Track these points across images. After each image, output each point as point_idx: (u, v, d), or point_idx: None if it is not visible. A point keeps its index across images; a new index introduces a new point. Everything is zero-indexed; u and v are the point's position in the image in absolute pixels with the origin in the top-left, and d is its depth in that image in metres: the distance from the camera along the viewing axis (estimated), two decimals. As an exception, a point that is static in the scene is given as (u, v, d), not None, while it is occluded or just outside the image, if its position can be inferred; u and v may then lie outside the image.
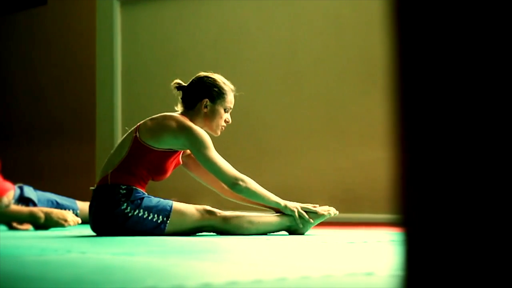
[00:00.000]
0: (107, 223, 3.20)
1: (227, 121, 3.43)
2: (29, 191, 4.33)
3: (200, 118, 3.39)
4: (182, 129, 3.26)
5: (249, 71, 5.47)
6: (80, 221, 4.00)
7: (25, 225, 4.03)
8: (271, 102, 5.40)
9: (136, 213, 3.18)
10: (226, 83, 3.44)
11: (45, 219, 3.93)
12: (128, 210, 3.18)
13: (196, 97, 3.39)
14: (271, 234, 3.32)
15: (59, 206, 4.34)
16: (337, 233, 3.52)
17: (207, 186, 3.53)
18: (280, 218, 3.33)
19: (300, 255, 2.37)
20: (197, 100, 3.39)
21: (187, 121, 3.32)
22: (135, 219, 3.18)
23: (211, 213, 3.27)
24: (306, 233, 3.36)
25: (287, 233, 3.36)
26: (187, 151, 3.42)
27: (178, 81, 3.47)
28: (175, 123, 3.28)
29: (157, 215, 3.20)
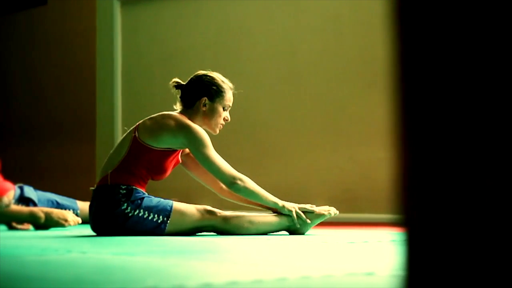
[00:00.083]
0: (107, 223, 3.20)
1: (226, 119, 3.43)
2: (29, 191, 4.33)
3: (199, 116, 3.39)
4: (180, 127, 3.26)
5: (249, 71, 5.47)
6: (80, 221, 4.00)
7: (25, 225, 4.03)
8: (271, 102, 5.40)
9: (136, 213, 3.18)
10: (224, 81, 3.43)
11: (46, 219, 3.93)
12: (128, 210, 3.18)
13: (194, 96, 3.39)
14: (271, 234, 3.33)
15: (59, 206, 4.33)
16: (337, 233, 3.52)
17: (206, 186, 3.53)
18: (280, 218, 3.33)
19: (300, 255, 2.37)
20: (196, 98, 3.39)
21: (186, 119, 3.32)
22: (136, 219, 3.18)
23: (211, 213, 3.27)
24: (306, 233, 3.36)
25: (287, 233, 3.36)
26: (186, 150, 3.41)
27: (176, 79, 3.47)
28: (173, 122, 3.28)
29: (157, 215, 3.20)
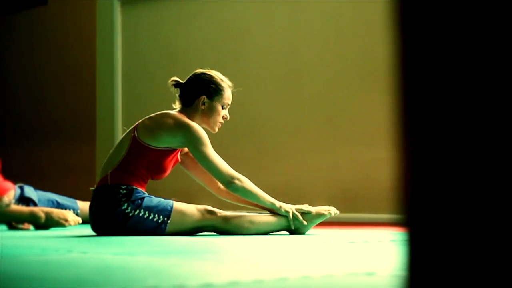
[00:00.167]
0: (108, 223, 3.20)
1: (225, 118, 3.42)
2: (30, 191, 4.33)
3: (198, 115, 3.38)
4: (179, 126, 3.26)
5: (249, 71, 5.48)
6: (80, 221, 4.00)
7: (26, 225, 4.03)
8: (271, 102, 5.40)
9: (136, 213, 3.18)
10: (223, 80, 3.43)
11: (46, 219, 3.93)
12: (128, 210, 3.18)
13: (193, 94, 3.39)
14: (271, 234, 3.33)
15: (59, 206, 4.34)
16: (338, 233, 3.52)
17: (203, 185, 3.52)
18: (280, 218, 3.33)
19: (300, 255, 2.37)
20: (195, 97, 3.39)
21: (185, 118, 3.31)
22: (136, 219, 3.18)
23: (211, 213, 3.26)
24: (306, 233, 3.36)
25: (287, 233, 3.36)
26: (185, 149, 3.41)
27: (175, 78, 3.47)
28: (172, 121, 3.28)
29: (157, 215, 3.20)
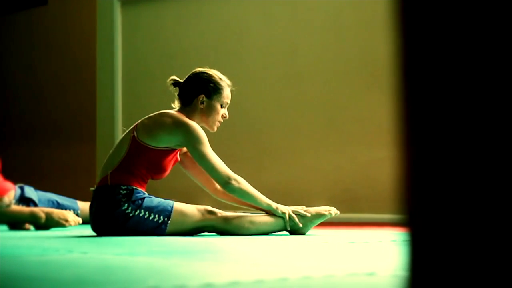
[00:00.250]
0: (108, 223, 3.20)
1: (224, 117, 3.42)
2: (30, 191, 4.33)
3: (197, 114, 3.38)
4: (177, 125, 3.26)
5: (250, 71, 5.48)
6: (81, 221, 4.00)
7: (26, 225, 4.03)
8: (271, 102, 5.40)
9: (137, 214, 3.18)
10: (222, 79, 3.42)
11: (46, 219, 3.93)
12: (129, 210, 3.18)
13: (192, 93, 3.38)
14: (272, 234, 3.33)
15: (59, 206, 4.34)
16: (338, 233, 3.52)
17: (200, 185, 3.51)
18: (280, 218, 3.32)
19: (301, 255, 2.37)
20: (194, 96, 3.38)
21: (183, 117, 3.31)
22: (136, 219, 3.18)
23: (212, 213, 3.26)
24: (307, 233, 3.36)
25: (287, 233, 3.36)
26: (184, 148, 3.40)
27: (174, 77, 3.46)
28: (170, 120, 3.28)
29: (158, 215, 3.20)
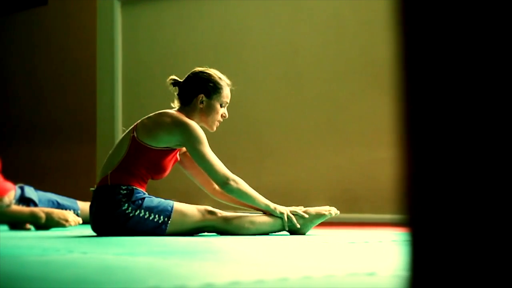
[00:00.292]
0: (108, 223, 3.20)
1: (223, 116, 3.42)
2: (30, 191, 4.33)
3: (196, 113, 3.37)
4: (176, 124, 3.25)
5: (250, 71, 5.48)
6: (81, 221, 4.00)
7: (26, 225, 4.03)
8: (271, 102, 5.40)
9: (137, 214, 3.18)
10: (222, 78, 3.42)
11: (46, 219, 3.93)
12: (129, 210, 3.18)
13: (191, 93, 3.38)
14: (272, 234, 3.33)
15: (60, 206, 4.34)
16: (338, 233, 3.52)
17: (199, 185, 3.51)
18: (280, 218, 3.32)
19: (301, 255, 2.37)
20: (193, 95, 3.38)
21: (183, 117, 3.30)
22: (136, 219, 3.18)
23: (212, 213, 3.26)
24: (307, 233, 3.36)
25: (288, 233, 3.36)
26: (184, 148, 3.40)
27: (173, 77, 3.46)
28: (170, 119, 3.27)
29: (158, 216, 3.20)
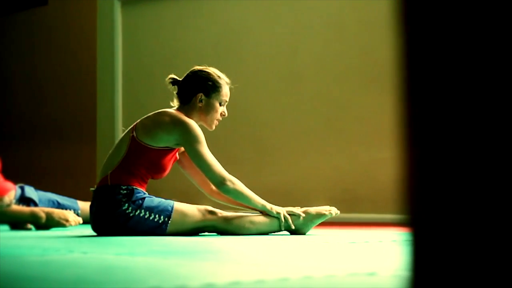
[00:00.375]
0: (109, 223, 3.20)
1: (223, 114, 3.41)
2: (30, 191, 4.33)
3: (195, 112, 3.37)
4: (175, 123, 3.25)
5: (250, 71, 5.47)
6: (81, 221, 4.00)
7: (27, 225, 4.03)
8: (271, 102, 5.40)
9: (137, 213, 3.18)
10: (221, 76, 3.42)
11: (47, 219, 3.93)
12: (129, 210, 3.18)
13: (190, 92, 3.38)
14: (272, 234, 3.33)
15: (60, 206, 4.34)
16: (338, 233, 3.52)
17: (197, 186, 3.50)
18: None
19: (302, 255, 2.37)
20: (192, 94, 3.37)
21: (182, 115, 3.30)
22: (137, 219, 3.18)
23: (212, 213, 3.26)
24: (307, 233, 3.36)
25: (288, 233, 3.36)
26: (183, 148, 3.39)
27: (172, 76, 3.45)
28: (168, 118, 3.27)
29: (158, 215, 3.20)
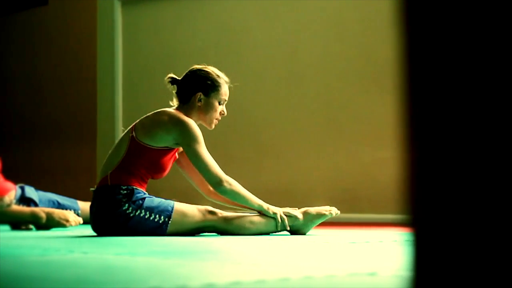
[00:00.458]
0: (109, 223, 3.19)
1: (222, 113, 3.41)
2: (31, 191, 4.33)
3: (194, 111, 3.37)
4: (174, 122, 3.25)
5: (250, 71, 5.47)
6: (81, 221, 4.00)
7: (29, 225, 4.03)
8: (272, 102, 5.40)
9: (137, 214, 3.18)
10: (220, 76, 3.41)
11: (47, 219, 3.93)
12: (129, 210, 3.18)
13: (189, 91, 3.37)
14: (273, 234, 3.33)
15: (60, 206, 4.34)
16: (339, 233, 3.52)
17: (195, 186, 3.49)
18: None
19: (302, 255, 2.37)
20: (191, 94, 3.37)
21: (181, 115, 3.30)
22: (137, 219, 3.18)
23: (212, 213, 3.26)
24: (307, 233, 3.36)
25: (288, 233, 3.36)
26: (181, 148, 3.39)
27: (171, 75, 3.45)
28: (167, 118, 3.27)
29: (158, 216, 3.20)
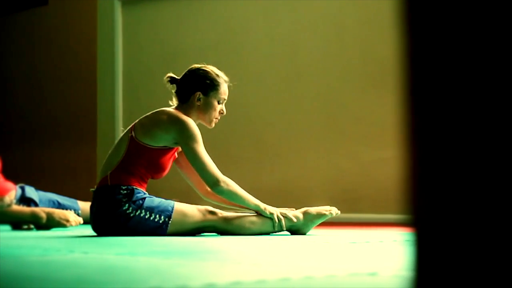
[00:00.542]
0: (109, 223, 3.19)
1: (221, 113, 3.41)
2: (31, 191, 4.33)
3: (194, 111, 3.37)
4: (172, 122, 3.25)
5: (250, 71, 5.47)
6: (82, 221, 4.00)
7: (29, 225, 4.03)
8: (272, 102, 5.40)
9: (138, 214, 3.18)
10: (219, 75, 3.41)
11: (47, 219, 3.93)
12: (130, 210, 3.18)
13: (189, 90, 3.37)
14: (273, 234, 3.33)
15: (60, 206, 4.34)
16: (339, 233, 3.52)
17: (192, 186, 3.49)
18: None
19: (302, 255, 2.37)
20: (190, 93, 3.37)
21: (180, 114, 3.29)
22: (137, 219, 3.18)
23: (213, 213, 3.26)
24: (308, 233, 3.36)
25: (288, 233, 3.36)
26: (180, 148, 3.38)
27: (170, 74, 3.45)
28: (166, 117, 3.27)
29: (159, 216, 3.20)
